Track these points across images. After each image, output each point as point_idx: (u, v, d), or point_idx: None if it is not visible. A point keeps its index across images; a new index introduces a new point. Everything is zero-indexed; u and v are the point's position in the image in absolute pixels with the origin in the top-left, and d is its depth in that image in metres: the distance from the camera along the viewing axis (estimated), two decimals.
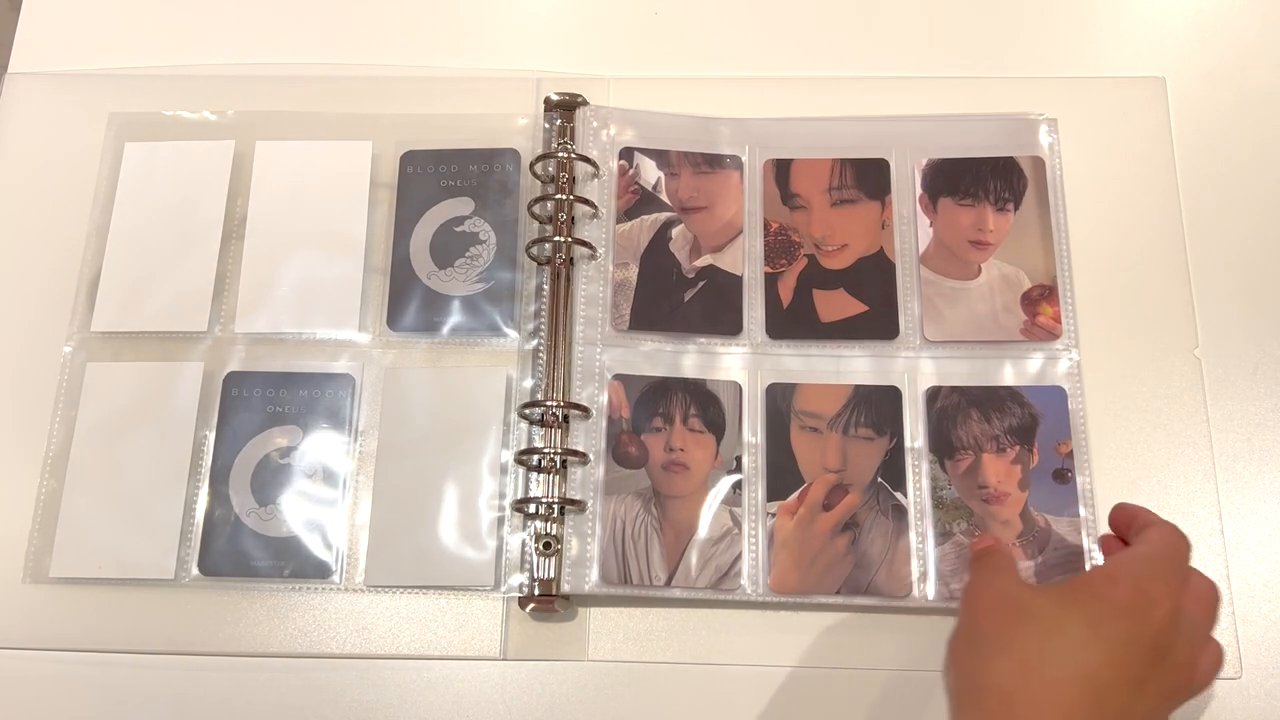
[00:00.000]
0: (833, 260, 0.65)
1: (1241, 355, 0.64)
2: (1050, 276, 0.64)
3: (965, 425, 0.61)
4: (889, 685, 0.58)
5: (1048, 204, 0.65)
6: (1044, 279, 0.64)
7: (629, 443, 0.61)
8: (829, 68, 0.71)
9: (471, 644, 0.60)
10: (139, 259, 0.66)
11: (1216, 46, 0.71)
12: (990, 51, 0.71)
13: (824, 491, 0.60)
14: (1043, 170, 0.66)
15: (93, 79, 0.71)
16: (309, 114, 0.69)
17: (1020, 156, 0.66)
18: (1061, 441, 0.60)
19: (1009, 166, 0.66)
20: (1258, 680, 0.58)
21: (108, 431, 0.63)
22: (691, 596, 0.59)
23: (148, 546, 0.61)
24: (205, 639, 0.60)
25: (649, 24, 0.73)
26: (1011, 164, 0.66)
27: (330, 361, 0.65)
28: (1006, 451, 0.60)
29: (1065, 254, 0.65)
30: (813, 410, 0.62)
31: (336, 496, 0.62)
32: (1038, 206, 0.65)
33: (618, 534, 0.60)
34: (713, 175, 0.67)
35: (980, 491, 0.60)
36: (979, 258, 0.64)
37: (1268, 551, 0.61)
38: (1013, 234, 0.65)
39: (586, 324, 0.64)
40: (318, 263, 0.66)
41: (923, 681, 0.58)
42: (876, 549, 0.59)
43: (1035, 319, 0.63)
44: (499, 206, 0.67)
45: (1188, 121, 0.69)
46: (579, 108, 0.68)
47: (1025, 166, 0.66)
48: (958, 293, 0.64)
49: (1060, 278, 0.64)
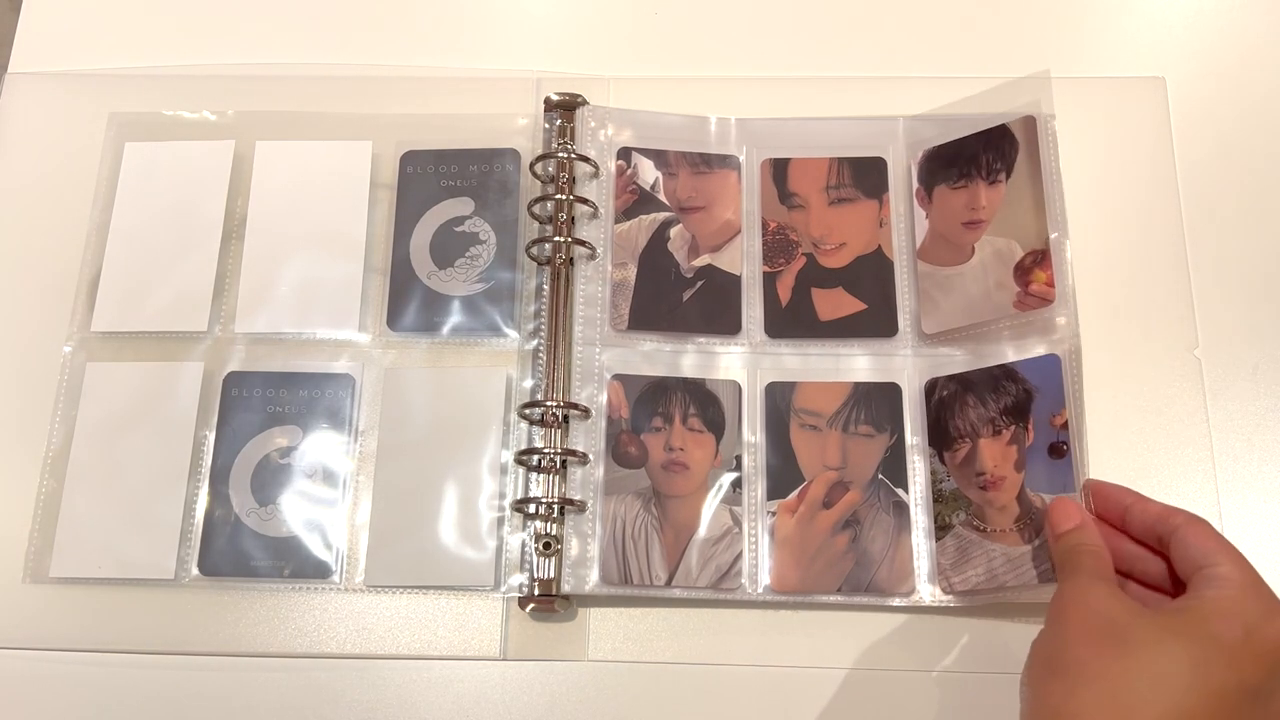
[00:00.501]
0: (831, 259, 0.65)
1: (1241, 355, 0.64)
2: (1043, 240, 0.61)
3: (962, 413, 0.61)
4: (890, 685, 0.58)
5: (1039, 164, 0.63)
6: (1037, 244, 0.61)
7: (629, 442, 0.62)
8: (827, 68, 0.71)
9: (471, 644, 0.60)
10: (139, 259, 0.66)
11: (1216, 46, 0.71)
12: (990, 51, 0.71)
13: (824, 489, 0.60)
14: (1034, 129, 0.64)
15: (93, 79, 0.71)
16: (309, 114, 0.70)
17: (1011, 121, 0.64)
18: (1056, 414, 0.59)
19: (1000, 135, 0.64)
20: None
21: (108, 431, 0.63)
22: (692, 596, 0.59)
23: (148, 546, 0.61)
24: (205, 639, 0.60)
25: (649, 24, 0.73)
26: (1003, 131, 0.64)
27: (330, 361, 0.65)
28: (1002, 433, 0.59)
29: (1060, 215, 0.62)
30: (812, 408, 0.62)
31: (336, 496, 0.62)
32: (1029, 169, 0.63)
33: (618, 534, 0.60)
34: (710, 175, 0.67)
35: (977, 479, 0.59)
36: (972, 238, 0.63)
37: (1268, 551, 0.60)
38: (1005, 204, 0.63)
39: (586, 324, 0.64)
40: (318, 263, 0.66)
41: (925, 681, 0.58)
42: (878, 546, 0.59)
43: (1028, 288, 0.61)
44: (499, 206, 0.67)
45: (1188, 121, 0.69)
46: (578, 108, 0.68)
47: (1016, 130, 0.64)
48: (951, 279, 0.63)
49: (1054, 240, 0.61)
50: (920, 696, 0.58)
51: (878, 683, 0.58)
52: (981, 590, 0.57)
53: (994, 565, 0.57)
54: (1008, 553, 0.57)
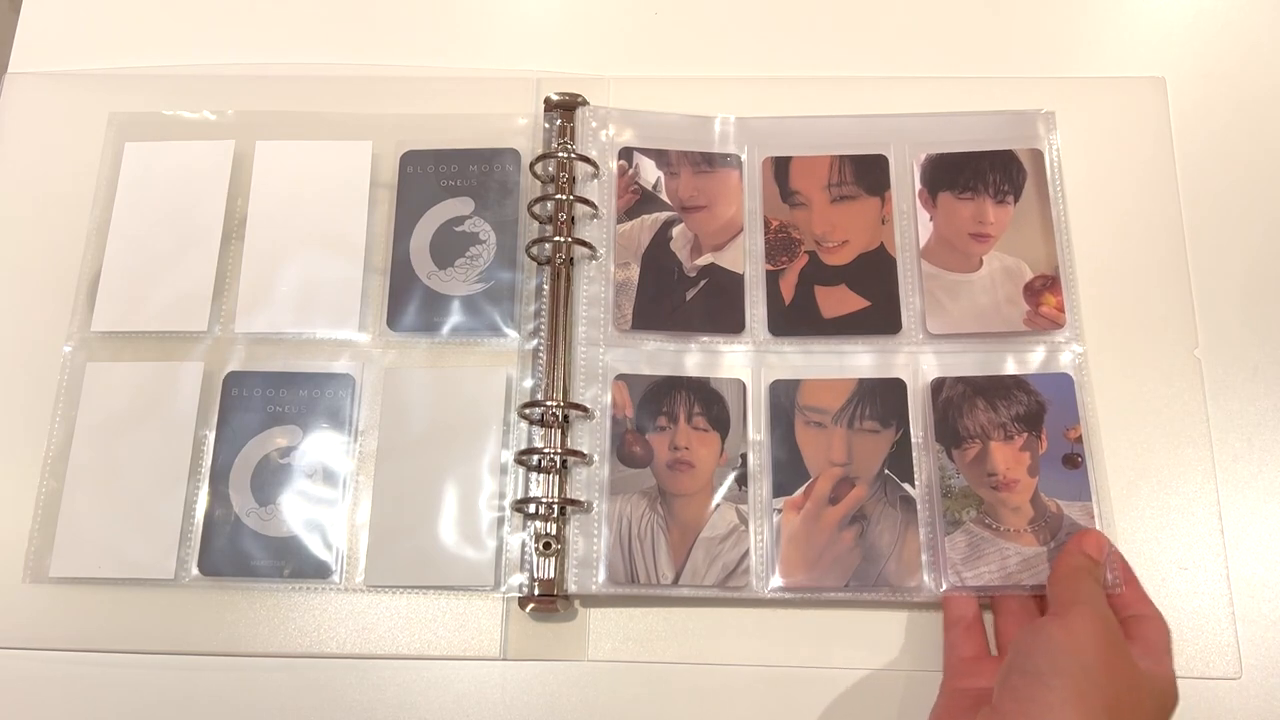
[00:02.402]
0: (833, 256, 0.65)
1: (1241, 355, 0.64)
2: (1052, 266, 0.64)
3: (971, 414, 0.61)
4: (892, 685, 0.58)
5: (1047, 196, 0.65)
6: (1046, 269, 0.64)
7: (634, 442, 0.61)
8: (828, 68, 0.71)
9: (471, 644, 0.60)
10: (139, 259, 0.66)
11: (1216, 46, 0.71)
12: (990, 51, 0.71)
13: (830, 485, 0.60)
14: (1041, 162, 0.66)
15: (93, 79, 0.71)
16: (309, 114, 0.69)
17: (1019, 149, 0.66)
18: (1070, 427, 0.60)
19: (1008, 159, 0.66)
20: (1258, 680, 0.58)
21: (108, 431, 0.62)
22: (699, 595, 0.59)
23: (148, 546, 0.60)
24: (205, 639, 0.60)
25: (649, 24, 0.73)
26: (1010, 156, 0.66)
27: (330, 361, 0.65)
28: (1014, 439, 0.60)
29: (1067, 245, 0.64)
30: (817, 405, 0.62)
31: (336, 496, 0.62)
32: (1038, 198, 0.65)
33: (624, 533, 0.60)
34: (712, 174, 0.67)
35: (989, 479, 0.60)
36: (980, 250, 0.64)
37: (1268, 551, 0.61)
38: (1013, 226, 0.65)
39: (589, 324, 0.64)
40: (317, 263, 0.66)
41: (930, 681, 0.58)
42: (885, 541, 0.59)
43: (1038, 309, 0.63)
44: (499, 206, 0.67)
45: (1188, 121, 0.69)
46: (579, 108, 0.68)
47: (1024, 159, 0.66)
48: (959, 285, 0.64)
49: (1063, 268, 0.64)
50: (925, 696, 0.57)
51: (878, 683, 0.58)
52: (993, 586, 0.58)
53: (1008, 564, 0.58)
54: (1022, 552, 0.58)
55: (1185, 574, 0.60)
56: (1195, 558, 0.60)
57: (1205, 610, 0.59)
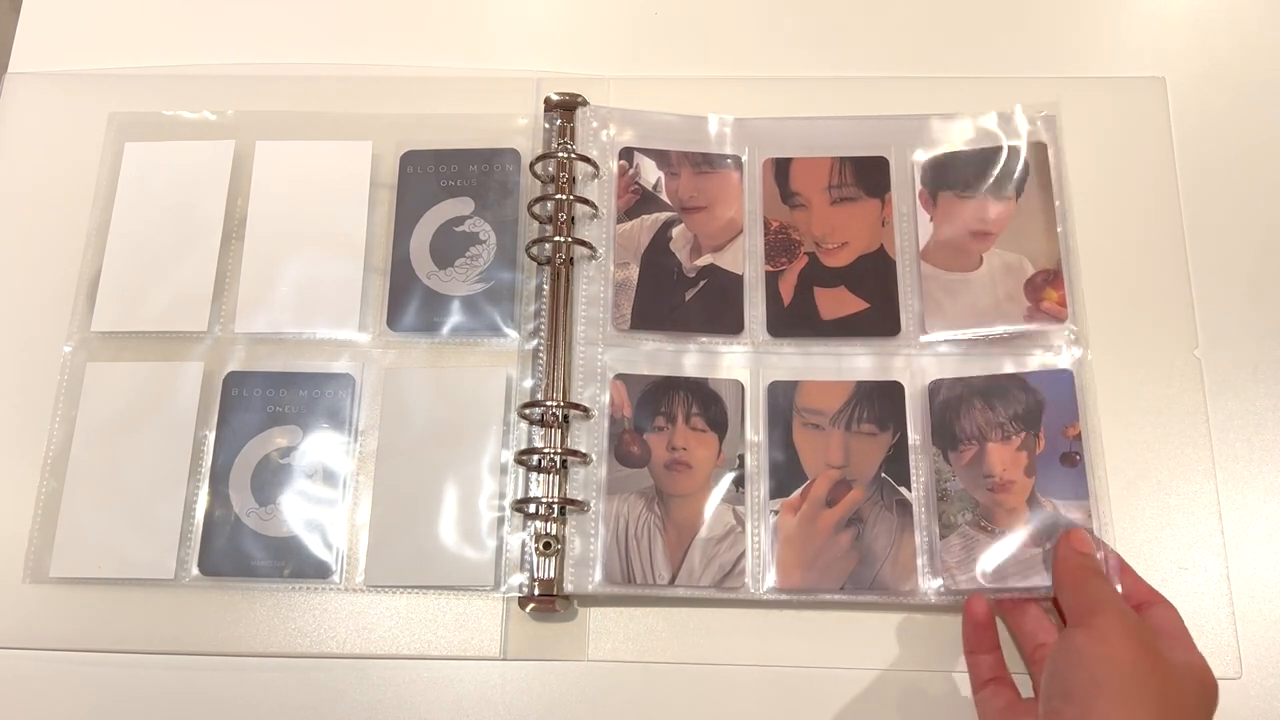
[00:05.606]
0: (833, 258, 0.65)
1: (1241, 355, 0.64)
2: (1054, 261, 0.63)
3: (969, 415, 0.61)
4: (892, 685, 0.58)
5: (1050, 189, 0.65)
6: (1048, 264, 0.63)
7: (631, 442, 0.61)
8: (828, 68, 0.71)
9: (471, 644, 0.60)
10: (139, 259, 0.66)
11: (1216, 46, 0.71)
12: (990, 51, 0.71)
13: (827, 488, 0.60)
14: (1044, 156, 0.65)
15: (93, 79, 0.71)
16: (309, 114, 0.69)
17: (1021, 145, 0.66)
18: (1069, 425, 0.60)
19: (1010, 155, 0.66)
20: (1258, 680, 0.58)
21: (108, 431, 0.63)
22: (695, 595, 0.59)
23: (148, 546, 0.60)
24: (205, 639, 0.60)
25: (649, 24, 0.73)
26: (1013, 153, 0.66)
27: (330, 361, 0.65)
28: (1012, 439, 0.60)
29: (1069, 240, 0.64)
30: (815, 407, 0.62)
31: (336, 496, 0.62)
32: (1040, 193, 0.65)
33: (621, 533, 0.60)
34: (712, 175, 0.67)
35: (985, 481, 0.59)
36: (981, 248, 0.64)
37: (1268, 551, 0.61)
38: (1014, 222, 0.64)
39: (588, 324, 0.64)
40: (318, 263, 0.66)
41: (927, 681, 0.58)
42: (881, 544, 0.59)
43: (1040, 304, 0.63)
44: (499, 206, 0.67)
45: (1188, 121, 0.69)
46: (579, 108, 0.68)
47: (1027, 154, 0.66)
48: (959, 285, 0.64)
49: (1065, 262, 0.63)
50: (922, 696, 0.58)
51: (876, 684, 0.58)
52: (987, 589, 0.57)
53: (1003, 567, 0.57)
54: (1017, 555, 0.57)
55: (1185, 574, 0.60)
56: (1195, 558, 0.60)
57: (1205, 610, 0.59)
